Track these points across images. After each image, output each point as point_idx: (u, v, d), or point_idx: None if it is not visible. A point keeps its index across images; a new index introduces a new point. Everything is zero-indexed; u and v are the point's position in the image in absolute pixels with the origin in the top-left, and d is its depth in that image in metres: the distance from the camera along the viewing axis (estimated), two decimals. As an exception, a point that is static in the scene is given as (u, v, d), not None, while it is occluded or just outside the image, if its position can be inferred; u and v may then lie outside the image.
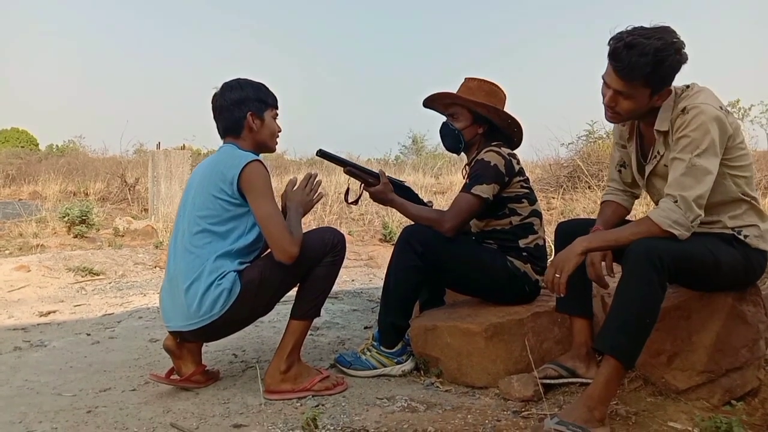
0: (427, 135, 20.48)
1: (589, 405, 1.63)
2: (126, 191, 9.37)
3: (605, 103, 1.80)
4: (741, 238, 1.80)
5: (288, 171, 11.54)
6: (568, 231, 2.09)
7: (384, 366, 2.28)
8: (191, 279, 1.95)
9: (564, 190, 7.73)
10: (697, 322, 1.88)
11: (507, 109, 2.45)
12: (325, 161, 2.36)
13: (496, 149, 2.35)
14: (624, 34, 1.70)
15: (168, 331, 2.08)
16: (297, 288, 2.11)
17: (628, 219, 2.13)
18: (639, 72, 1.66)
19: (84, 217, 6.54)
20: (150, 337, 2.91)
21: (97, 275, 4.93)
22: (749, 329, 1.87)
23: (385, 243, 6.69)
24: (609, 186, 2.15)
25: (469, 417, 1.85)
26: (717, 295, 1.88)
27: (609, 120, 1.87)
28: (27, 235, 6.34)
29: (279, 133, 2.19)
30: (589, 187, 7.30)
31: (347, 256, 2.20)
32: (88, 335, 2.99)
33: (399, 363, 2.29)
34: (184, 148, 8.61)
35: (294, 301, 2.10)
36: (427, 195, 8.15)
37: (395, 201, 2.37)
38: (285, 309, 2.35)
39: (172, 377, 2.11)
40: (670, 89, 1.76)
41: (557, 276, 1.75)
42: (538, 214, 2.42)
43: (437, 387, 2.18)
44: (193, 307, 1.93)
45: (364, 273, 5.46)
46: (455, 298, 2.66)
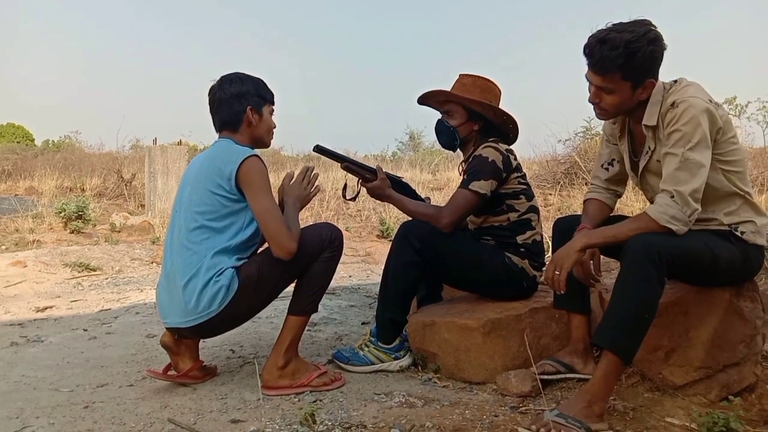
0: (424, 131, 20.53)
1: (588, 400, 1.64)
2: (122, 187, 9.33)
3: (590, 101, 1.83)
4: (738, 234, 1.80)
5: (285, 167, 11.50)
6: (565, 227, 2.10)
7: (382, 361, 2.28)
8: (189, 275, 1.94)
9: (561, 186, 7.75)
10: (695, 317, 1.89)
11: (502, 106, 2.45)
12: (323, 157, 2.36)
13: (493, 145, 2.34)
14: (599, 31, 1.73)
15: (165, 328, 2.07)
16: (294, 284, 2.10)
17: (623, 215, 2.13)
18: (612, 65, 1.70)
19: (80, 213, 6.53)
20: (147, 333, 2.90)
21: (94, 271, 4.93)
22: (746, 325, 1.88)
23: (383, 239, 6.70)
24: (592, 184, 2.15)
25: (467, 412, 1.85)
26: (714, 291, 1.88)
27: (598, 117, 1.91)
28: (23, 231, 6.32)
29: (274, 130, 2.19)
30: (586, 184, 7.28)
31: (344, 252, 2.19)
32: (84, 331, 2.98)
33: (397, 358, 2.29)
34: (180, 143, 8.60)
35: (292, 297, 2.10)
36: (424, 191, 8.15)
37: (392, 197, 2.37)
38: (282, 305, 2.35)
39: (169, 373, 2.10)
40: (653, 81, 1.76)
41: (557, 273, 1.76)
42: (535, 210, 2.42)
43: (435, 382, 2.18)
44: (191, 304, 1.93)
45: (361, 269, 5.47)
46: (453, 293, 2.67)
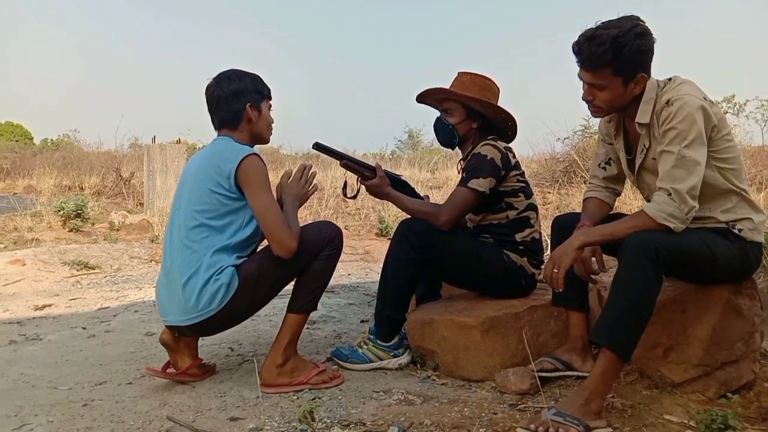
0: (423, 130, 20.53)
1: (586, 397, 1.64)
2: (121, 185, 9.33)
3: (583, 99, 1.84)
4: (735, 231, 1.81)
5: (283, 165, 11.50)
6: (564, 225, 2.10)
7: (380, 359, 2.28)
8: (189, 274, 1.94)
9: (560, 184, 7.75)
10: (693, 315, 1.89)
11: (501, 103, 2.45)
12: (321, 155, 2.35)
13: (492, 143, 2.34)
14: (587, 29, 1.75)
15: (165, 325, 2.07)
16: (294, 282, 2.10)
17: (622, 213, 2.13)
18: (600, 60, 1.71)
19: (79, 211, 6.52)
20: (146, 331, 2.90)
21: (93, 269, 4.92)
22: (745, 322, 1.88)
23: (382, 237, 6.70)
24: (591, 183, 2.16)
25: (466, 410, 1.85)
26: (713, 289, 1.89)
27: (593, 115, 1.93)
28: (22, 229, 6.31)
29: (272, 125, 2.19)
30: (585, 182, 7.30)
31: (343, 250, 2.20)
32: (83, 329, 2.98)
33: (396, 356, 2.29)
34: (179, 142, 8.58)
35: (291, 295, 2.10)
36: (423, 190, 8.15)
37: (391, 194, 2.36)
38: (281, 302, 2.35)
39: (168, 371, 2.10)
40: (645, 76, 1.77)
41: (555, 271, 1.77)
42: (534, 207, 2.42)
43: (434, 380, 2.18)
44: (191, 302, 1.93)
45: (360, 267, 5.47)
46: (452, 291, 2.67)
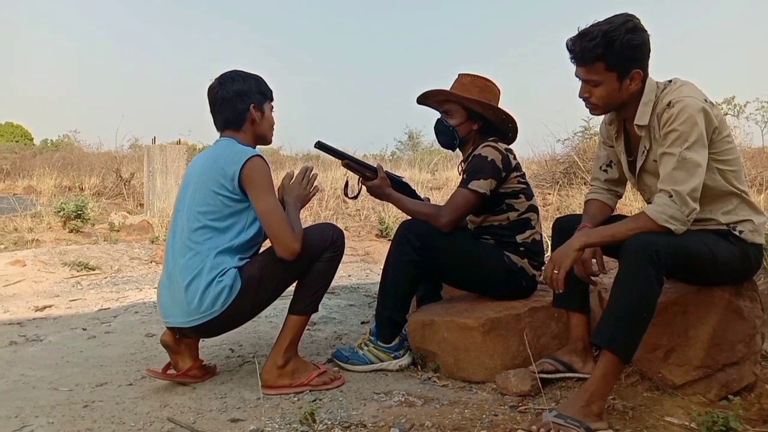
0: (423, 131, 20.52)
1: (587, 399, 1.64)
2: (121, 186, 9.33)
3: (579, 96, 1.86)
4: (736, 233, 1.81)
5: (284, 166, 11.47)
6: (565, 226, 2.10)
7: (381, 361, 2.28)
8: (191, 276, 1.93)
9: (560, 186, 7.75)
10: (694, 317, 1.89)
11: (501, 105, 2.45)
12: (322, 156, 2.36)
13: (493, 144, 2.34)
14: (581, 28, 1.78)
15: (166, 327, 2.07)
16: (295, 283, 2.10)
17: (622, 215, 2.13)
18: (591, 55, 1.74)
19: (79, 212, 6.52)
20: (146, 332, 2.90)
21: (93, 270, 4.92)
22: (746, 324, 1.88)
23: (382, 238, 6.70)
24: (592, 185, 2.16)
25: (467, 412, 1.85)
26: (714, 290, 1.89)
27: (591, 113, 1.94)
28: (22, 230, 6.31)
29: (274, 126, 2.20)
30: (585, 183, 7.31)
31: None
32: (84, 330, 2.98)
33: (396, 358, 2.29)
34: (179, 143, 8.60)
35: (293, 297, 2.09)
36: (423, 191, 8.15)
37: (392, 196, 2.36)
38: (282, 304, 2.35)
39: (168, 372, 2.10)
40: (640, 72, 1.78)
41: (556, 272, 1.77)
42: (535, 209, 2.42)
43: (434, 382, 2.18)
44: (194, 304, 1.92)
45: (360, 268, 5.47)
46: (452, 293, 2.67)
